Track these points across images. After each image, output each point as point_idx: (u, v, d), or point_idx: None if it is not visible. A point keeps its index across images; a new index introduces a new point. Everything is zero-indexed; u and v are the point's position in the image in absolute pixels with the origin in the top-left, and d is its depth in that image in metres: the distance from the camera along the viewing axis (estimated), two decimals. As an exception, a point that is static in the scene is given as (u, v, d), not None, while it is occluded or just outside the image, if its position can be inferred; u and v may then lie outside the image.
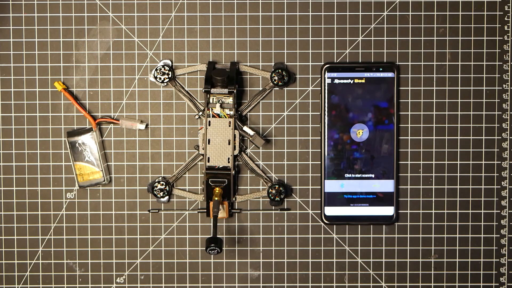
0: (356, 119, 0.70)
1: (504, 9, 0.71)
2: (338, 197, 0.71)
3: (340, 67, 0.70)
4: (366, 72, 0.70)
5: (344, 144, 0.71)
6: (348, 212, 0.71)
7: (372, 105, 0.70)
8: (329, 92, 0.70)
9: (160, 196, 0.72)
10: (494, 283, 0.73)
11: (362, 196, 0.71)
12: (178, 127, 0.72)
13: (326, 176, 0.71)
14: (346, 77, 0.70)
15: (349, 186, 0.71)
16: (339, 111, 0.70)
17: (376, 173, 0.71)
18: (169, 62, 0.72)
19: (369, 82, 0.70)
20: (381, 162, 0.71)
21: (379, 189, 0.71)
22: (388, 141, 0.71)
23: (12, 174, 0.72)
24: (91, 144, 0.71)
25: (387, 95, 0.70)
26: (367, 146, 0.71)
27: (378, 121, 0.70)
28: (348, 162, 0.71)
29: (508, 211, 0.73)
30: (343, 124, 0.70)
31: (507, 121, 0.72)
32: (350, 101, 0.70)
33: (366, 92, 0.70)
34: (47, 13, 0.71)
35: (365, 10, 0.72)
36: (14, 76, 0.72)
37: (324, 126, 0.70)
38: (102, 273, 0.73)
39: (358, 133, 0.70)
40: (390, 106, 0.70)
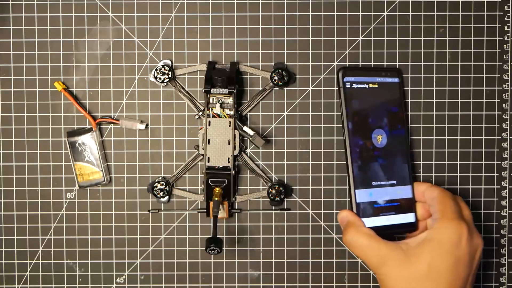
0: (375, 125, 0.68)
1: (504, 9, 0.71)
2: (368, 207, 0.67)
3: (356, 71, 0.69)
4: (378, 77, 0.69)
5: (368, 151, 0.68)
6: (379, 222, 0.67)
7: (386, 110, 0.69)
8: (350, 97, 0.68)
9: (160, 196, 0.72)
10: (494, 283, 0.73)
11: (389, 204, 0.68)
12: (178, 127, 0.72)
13: (356, 185, 0.67)
14: (362, 82, 0.68)
15: (377, 195, 0.68)
16: (360, 116, 0.68)
17: (397, 179, 0.69)
18: (169, 62, 0.72)
19: (381, 86, 0.69)
20: (399, 167, 0.69)
21: (401, 195, 0.68)
22: (402, 146, 0.69)
23: (12, 174, 0.72)
24: (91, 144, 0.71)
25: (397, 100, 0.70)
26: (386, 151, 0.68)
27: (392, 126, 0.69)
28: (373, 169, 0.68)
29: (508, 211, 0.73)
30: (365, 130, 0.68)
31: (507, 121, 0.72)
32: (368, 106, 0.68)
33: (380, 97, 0.69)
34: (47, 13, 0.71)
35: (365, 10, 0.72)
36: (14, 76, 0.72)
37: (348, 132, 0.67)
38: (102, 273, 0.73)
39: (378, 138, 0.68)
40: (400, 110, 0.70)
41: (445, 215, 0.63)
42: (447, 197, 0.65)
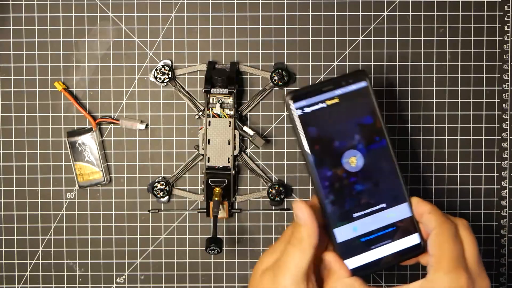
0: (345, 146, 0.58)
1: (504, 9, 0.71)
2: (354, 244, 0.58)
3: (306, 92, 0.58)
4: (337, 89, 0.58)
5: (341, 180, 0.58)
6: (371, 257, 0.58)
7: (356, 124, 0.58)
8: (304, 125, 0.57)
9: (160, 196, 0.72)
10: (494, 283, 0.73)
11: (381, 233, 0.58)
12: (178, 127, 0.72)
13: (334, 224, 0.57)
14: (317, 102, 0.58)
15: (362, 227, 0.58)
16: (322, 143, 0.58)
17: (387, 201, 0.58)
18: (169, 62, 0.72)
19: (343, 99, 0.58)
20: (387, 186, 0.59)
21: (395, 218, 0.58)
22: (386, 159, 0.59)
23: (12, 174, 0.72)
24: (91, 144, 0.71)
25: (368, 109, 0.59)
26: (366, 173, 0.58)
27: (369, 140, 0.58)
28: (352, 199, 0.58)
29: (508, 211, 0.73)
30: (332, 157, 0.58)
31: (507, 121, 0.72)
32: (330, 128, 0.58)
33: (345, 112, 0.58)
34: (47, 13, 0.72)
35: (365, 10, 0.72)
36: (14, 76, 0.72)
37: (311, 166, 0.57)
38: (102, 273, 0.73)
39: (351, 162, 0.58)
40: (375, 120, 0.59)
41: (441, 265, 0.54)
42: (444, 237, 0.55)
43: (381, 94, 0.72)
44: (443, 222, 0.56)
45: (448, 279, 0.53)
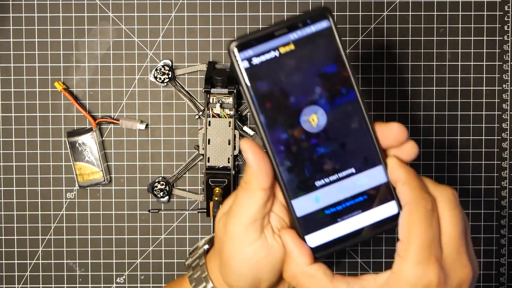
0: (303, 102, 0.48)
1: (504, 9, 0.71)
2: (317, 217, 0.49)
3: (254, 39, 0.48)
4: (291, 32, 0.48)
5: (298, 142, 0.49)
6: (338, 232, 0.49)
7: (316, 75, 0.48)
8: (252, 80, 0.48)
9: (160, 196, 0.72)
10: (494, 283, 0.73)
11: (349, 203, 0.49)
12: (178, 127, 0.72)
13: (292, 195, 0.49)
14: (268, 50, 0.48)
15: (326, 197, 0.49)
16: (275, 100, 0.48)
17: (356, 165, 0.49)
18: (169, 62, 0.72)
19: (300, 45, 0.48)
20: (357, 147, 0.49)
21: (367, 185, 0.49)
22: (356, 114, 0.49)
23: (12, 174, 0.72)
24: (91, 144, 0.71)
25: (332, 54, 0.48)
26: (330, 132, 0.49)
27: (333, 93, 0.48)
28: (313, 164, 0.49)
29: (508, 211, 0.73)
30: (287, 116, 0.48)
31: (507, 121, 0.72)
32: (285, 80, 0.48)
33: (302, 61, 0.48)
34: (47, 13, 0.72)
35: (365, 10, 0.72)
36: (14, 76, 0.72)
37: (262, 128, 0.48)
38: (102, 273, 0.73)
39: (311, 120, 0.49)
40: (340, 67, 0.48)
41: (408, 254, 0.46)
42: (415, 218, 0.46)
43: (381, 94, 0.72)
44: (418, 198, 0.46)
45: (415, 273, 0.45)
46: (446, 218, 0.46)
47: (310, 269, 0.48)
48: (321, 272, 0.48)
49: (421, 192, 0.46)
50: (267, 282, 0.51)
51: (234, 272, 0.50)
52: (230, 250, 0.50)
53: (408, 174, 0.47)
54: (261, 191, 0.48)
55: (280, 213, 0.51)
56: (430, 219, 0.46)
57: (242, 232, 0.49)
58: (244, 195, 0.49)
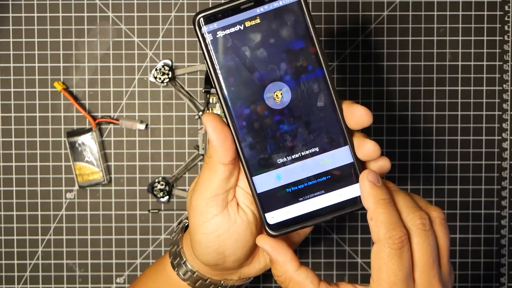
0: (268, 78, 0.48)
1: (504, 9, 0.71)
2: (278, 195, 0.49)
3: (219, 12, 0.48)
4: (258, 6, 0.47)
5: (261, 119, 0.48)
6: (297, 210, 0.49)
7: (282, 50, 0.48)
8: (216, 53, 0.48)
9: (160, 196, 0.72)
10: (494, 283, 0.73)
11: (312, 182, 0.49)
12: (178, 127, 0.72)
13: (252, 171, 0.49)
14: (233, 23, 0.48)
15: (288, 175, 0.49)
16: (238, 75, 0.48)
17: (321, 144, 0.49)
18: (169, 62, 0.71)
19: (267, 19, 0.48)
20: (323, 126, 0.49)
21: (331, 164, 0.49)
22: (322, 93, 0.48)
23: (12, 174, 0.72)
24: (91, 144, 0.71)
25: (299, 29, 0.48)
26: (294, 110, 0.48)
27: (299, 70, 0.48)
28: (275, 141, 0.49)
29: (508, 211, 0.73)
30: (251, 91, 0.48)
31: (507, 121, 0.72)
32: (249, 55, 0.48)
33: (268, 35, 0.48)
34: (47, 13, 0.71)
35: (365, 10, 0.72)
36: (14, 76, 0.72)
37: (225, 102, 0.48)
38: (102, 273, 0.73)
39: (275, 96, 0.48)
40: (308, 43, 0.48)
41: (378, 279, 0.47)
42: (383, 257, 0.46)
43: (381, 94, 0.72)
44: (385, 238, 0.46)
45: None
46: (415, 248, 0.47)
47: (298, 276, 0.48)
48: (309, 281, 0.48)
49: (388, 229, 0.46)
50: (233, 256, 0.52)
51: (198, 245, 0.52)
52: (193, 223, 0.51)
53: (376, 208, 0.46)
54: (222, 165, 0.48)
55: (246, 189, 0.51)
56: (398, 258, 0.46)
57: (204, 207, 0.50)
58: (206, 170, 0.49)
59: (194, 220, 0.51)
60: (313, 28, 0.48)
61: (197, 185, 0.51)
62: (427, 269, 0.46)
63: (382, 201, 0.47)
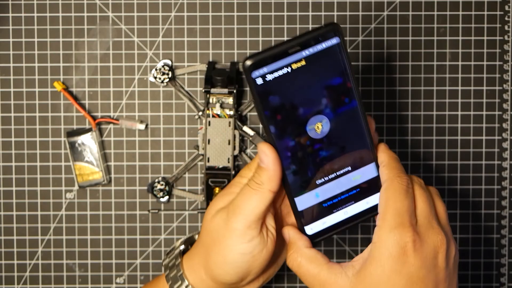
0: (310, 113, 0.53)
1: (505, 9, 0.71)
2: (316, 210, 0.56)
3: (268, 57, 0.51)
4: (304, 50, 0.51)
5: (304, 149, 0.54)
6: (332, 220, 0.56)
7: (323, 87, 0.53)
8: (265, 94, 0.52)
9: (160, 196, 0.71)
10: (495, 283, 0.73)
11: (344, 196, 0.56)
12: (178, 127, 0.72)
13: (295, 193, 0.55)
14: (281, 67, 0.51)
15: (325, 192, 0.55)
16: (285, 112, 0.53)
17: (352, 164, 0.55)
18: (169, 62, 0.71)
19: (311, 61, 0.52)
20: (354, 148, 0.55)
21: (360, 180, 0.55)
22: (355, 121, 0.54)
23: (11, 174, 0.72)
24: (90, 144, 0.71)
25: (338, 68, 0.52)
26: (332, 138, 0.54)
27: (337, 103, 0.53)
28: (315, 166, 0.54)
29: (509, 211, 0.73)
30: (295, 126, 0.53)
31: (507, 121, 0.72)
32: (295, 94, 0.52)
33: (312, 75, 0.52)
34: (47, 13, 0.71)
35: (365, 10, 0.72)
36: (14, 76, 0.72)
37: (272, 137, 0.53)
38: (101, 274, 0.73)
39: (316, 128, 0.54)
40: (345, 79, 0.53)
41: (385, 222, 0.52)
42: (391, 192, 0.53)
43: (381, 94, 0.72)
44: (394, 176, 0.53)
45: (392, 236, 0.50)
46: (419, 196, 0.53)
47: (309, 251, 0.54)
48: (319, 255, 0.54)
49: (398, 171, 0.53)
50: (255, 275, 0.56)
51: (228, 265, 0.55)
52: (229, 243, 0.54)
53: (389, 158, 0.54)
54: (272, 193, 0.53)
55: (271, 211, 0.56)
56: (404, 192, 0.52)
57: (245, 229, 0.54)
58: (255, 195, 0.53)
59: (230, 241, 0.54)
60: (349, 65, 0.52)
61: (238, 207, 0.54)
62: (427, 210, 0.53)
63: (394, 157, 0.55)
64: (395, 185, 0.53)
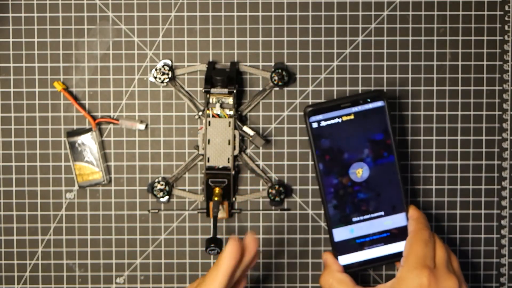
0: (353, 159, 0.66)
1: (504, 9, 0.71)
2: (349, 244, 0.66)
3: (323, 108, 0.65)
4: (354, 106, 0.65)
5: (345, 188, 0.66)
6: (363, 256, 0.67)
7: (367, 140, 0.65)
8: (318, 137, 0.65)
9: (160, 196, 0.71)
10: (495, 283, 0.73)
11: (375, 237, 0.67)
12: (178, 127, 0.72)
13: (333, 225, 0.66)
14: (333, 117, 0.65)
15: (359, 230, 0.66)
16: (332, 154, 0.65)
17: (386, 210, 0.66)
18: (169, 62, 0.71)
19: (359, 116, 0.65)
20: (388, 197, 0.66)
21: (391, 225, 0.66)
22: (391, 174, 0.66)
23: (11, 174, 0.72)
24: (90, 144, 0.71)
25: (381, 126, 0.65)
26: (370, 184, 0.66)
27: (377, 155, 0.66)
28: (353, 205, 0.66)
29: (509, 211, 0.73)
30: (340, 167, 0.66)
31: (507, 121, 0.72)
32: (342, 141, 0.65)
33: (358, 128, 0.65)
34: (47, 13, 0.71)
35: (365, 10, 0.72)
36: (14, 76, 0.72)
37: (320, 173, 0.65)
38: (101, 274, 0.73)
39: (357, 173, 0.66)
40: (386, 137, 0.66)
41: (407, 263, 0.62)
42: (415, 240, 0.63)
43: (381, 94, 0.72)
44: (419, 229, 0.64)
45: (412, 275, 0.61)
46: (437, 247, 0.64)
47: (341, 275, 0.65)
48: (348, 279, 0.65)
49: (423, 226, 0.65)
50: None
51: None
52: None
53: (418, 215, 0.66)
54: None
55: None
56: (426, 242, 0.63)
57: None
58: None
59: None
60: (391, 125, 0.66)
61: None
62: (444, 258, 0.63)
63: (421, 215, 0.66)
64: (419, 235, 0.63)
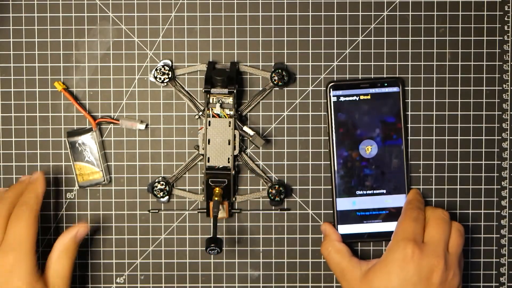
0: (364, 136, 0.70)
1: (504, 9, 0.71)
2: (350, 215, 0.71)
3: (345, 84, 0.70)
4: (371, 88, 0.70)
5: (353, 161, 0.70)
6: (361, 229, 0.71)
7: (379, 120, 0.70)
8: (336, 110, 0.70)
9: (160, 196, 0.71)
10: (494, 283, 0.73)
11: (375, 213, 0.71)
12: (178, 127, 0.72)
13: (338, 194, 0.71)
14: (352, 94, 0.70)
15: (361, 203, 0.71)
16: (346, 128, 0.70)
17: (388, 189, 0.70)
18: (169, 62, 0.72)
19: (374, 98, 0.70)
20: (392, 177, 0.70)
21: (391, 204, 0.71)
22: (397, 156, 0.70)
23: (12, 174, 0.72)
24: (91, 144, 0.71)
25: (394, 110, 0.70)
26: (376, 162, 0.70)
27: (386, 136, 0.70)
28: (358, 179, 0.70)
29: (508, 211, 0.73)
30: (351, 141, 0.70)
31: (507, 121, 0.72)
32: (357, 118, 0.70)
33: (372, 108, 0.70)
34: (47, 13, 0.71)
35: (365, 10, 0.72)
36: (14, 76, 0.72)
37: (332, 144, 0.70)
38: (102, 273, 0.73)
39: (367, 149, 0.70)
40: (397, 120, 0.70)
41: (395, 236, 0.66)
42: (404, 217, 0.67)
43: (381, 94, 0.72)
44: (409, 209, 0.68)
45: (397, 247, 0.64)
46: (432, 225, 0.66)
47: (339, 244, 0.69)
48: (346, 249, 0.69)
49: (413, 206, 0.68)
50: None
51: None
52: None
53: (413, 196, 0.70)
54: None
55: None
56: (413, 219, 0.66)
57: None
58: None
59: None
60: (403, 111, 0.70)
61: None
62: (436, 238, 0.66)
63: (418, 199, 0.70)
64: (408, 213, 0.67)
